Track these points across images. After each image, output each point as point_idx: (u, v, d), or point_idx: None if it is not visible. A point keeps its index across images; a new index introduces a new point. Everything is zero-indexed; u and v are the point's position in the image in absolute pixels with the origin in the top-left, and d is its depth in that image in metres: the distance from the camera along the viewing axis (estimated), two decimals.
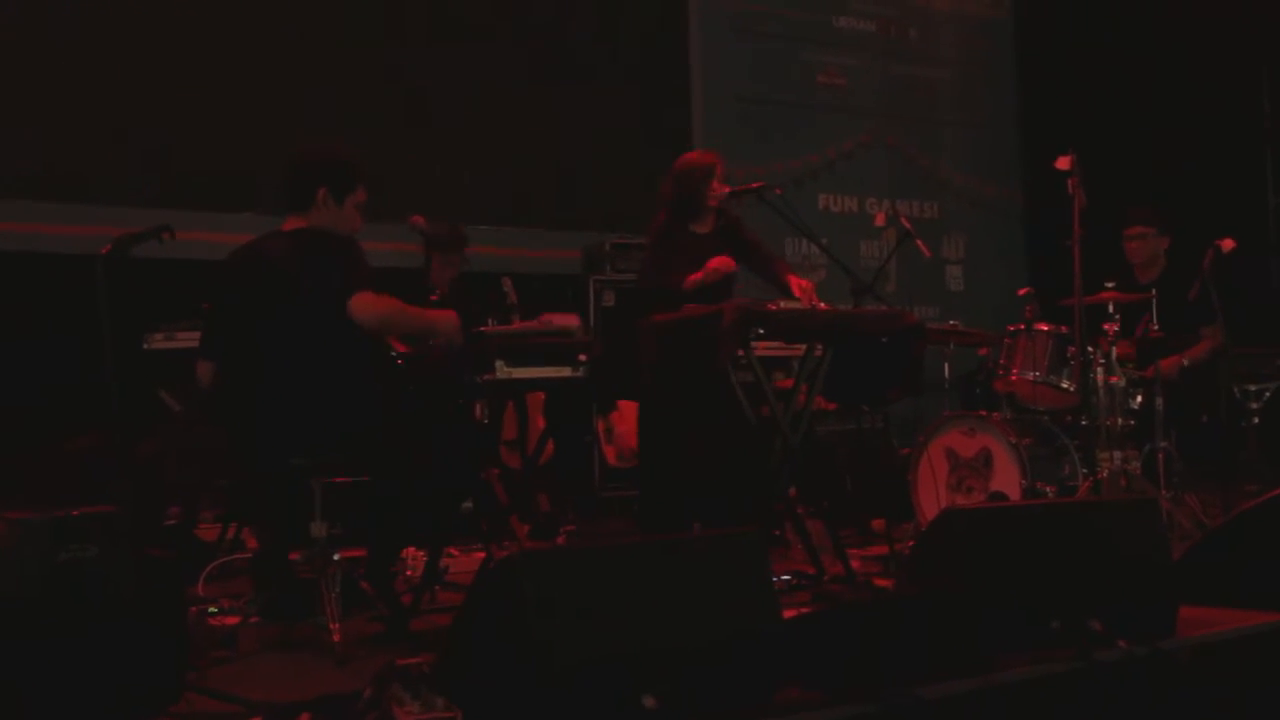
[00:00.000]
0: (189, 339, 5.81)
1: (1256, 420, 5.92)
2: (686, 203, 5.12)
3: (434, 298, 5.09)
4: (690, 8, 8.64)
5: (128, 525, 2.81)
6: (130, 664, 2.68)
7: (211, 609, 4.13)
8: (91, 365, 4.65)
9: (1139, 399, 5.54)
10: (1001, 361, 5.63)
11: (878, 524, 6.07)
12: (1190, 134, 8.69)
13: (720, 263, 4.88)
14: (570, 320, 5.20)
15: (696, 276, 4.89)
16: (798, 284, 4.77)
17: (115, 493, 4.79)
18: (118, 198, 6.51)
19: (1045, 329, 5.53)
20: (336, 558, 3.80)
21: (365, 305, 3.80)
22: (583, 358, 4.32)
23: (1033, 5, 9.83)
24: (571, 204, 7.97)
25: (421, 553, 4.84)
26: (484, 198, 7.43)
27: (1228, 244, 5.57)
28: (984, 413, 5.61)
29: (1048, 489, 5.34)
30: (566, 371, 4.31)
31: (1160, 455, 5.37)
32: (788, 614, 3.04)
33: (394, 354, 4.09)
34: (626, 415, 6.18)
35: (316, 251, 3.92)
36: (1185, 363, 5.75)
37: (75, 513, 2.68)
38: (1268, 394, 5.94)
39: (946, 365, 6.04)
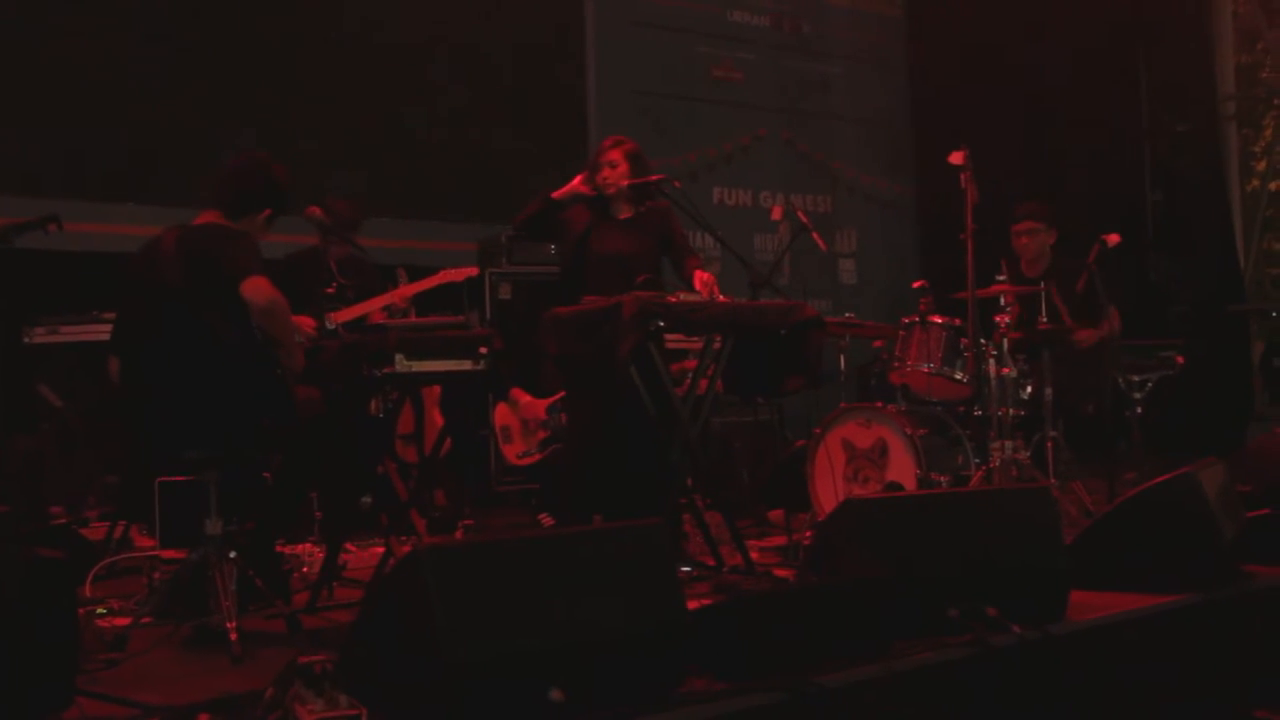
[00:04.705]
0: (72, 333, 5.66)
1: (1140, 410, 6.10)
2: (595, 189, 5.08)
3: (330, 290, 4.99)
4: (586, 2, 8.63)
5: (12, 524, 2.73)
6: (18, 668, 2.60)
7: (100, 610, 4.02)
8: None
9: (1029, 390, 5.67)
10: (897, 353, 5.70)
11: (775, 515, 6.12)
12: (1075, 131, 8.93)
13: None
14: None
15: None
16: (700, 278, 4.78)
17: None
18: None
19: (939, 321, 5.62)
20: (232, 555, 3.74)
21: (259, 287, 3.79)
22: (483, 350, 4.28)
23: (925, 1, 9.98)
24: (467, 196, 7.91)
25: (319, 549, 4.77)
26: (380, 190, 7.34)
27: (1113, 238, 5.73)
28: (880, 404, 5.68)
29: (942, 479, 5.43)
30: (467, 365, 4.27)
31: (1049, 444, 5.50)
32: (689, 605, 3.06)
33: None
34: (523, 394, 6.14)
35: (206, 242, 3.91)
36: (1107, 331, 5.76)
37: None
38: (1150, 384, 6.13)
39: (842, 357, 6.10)
